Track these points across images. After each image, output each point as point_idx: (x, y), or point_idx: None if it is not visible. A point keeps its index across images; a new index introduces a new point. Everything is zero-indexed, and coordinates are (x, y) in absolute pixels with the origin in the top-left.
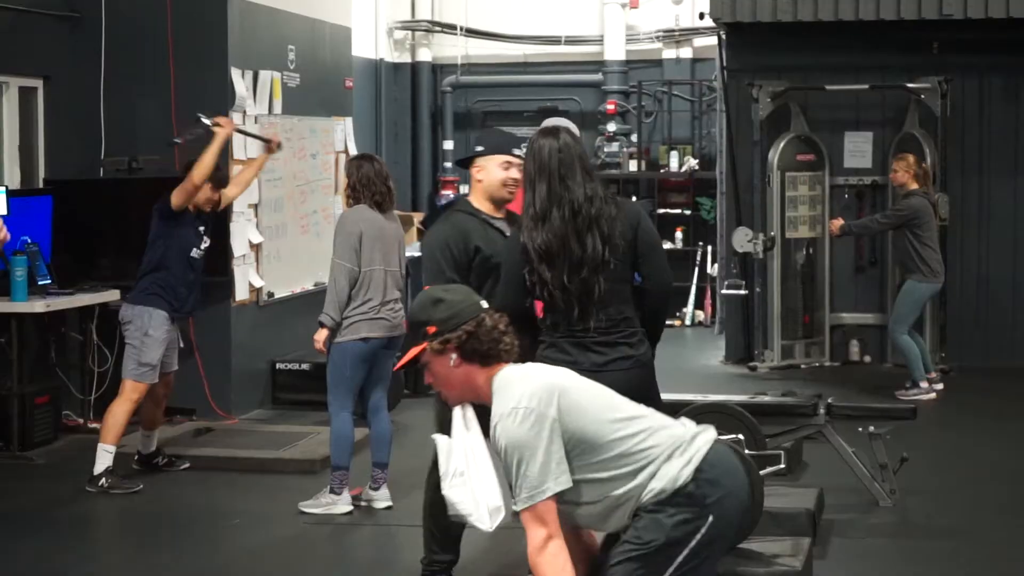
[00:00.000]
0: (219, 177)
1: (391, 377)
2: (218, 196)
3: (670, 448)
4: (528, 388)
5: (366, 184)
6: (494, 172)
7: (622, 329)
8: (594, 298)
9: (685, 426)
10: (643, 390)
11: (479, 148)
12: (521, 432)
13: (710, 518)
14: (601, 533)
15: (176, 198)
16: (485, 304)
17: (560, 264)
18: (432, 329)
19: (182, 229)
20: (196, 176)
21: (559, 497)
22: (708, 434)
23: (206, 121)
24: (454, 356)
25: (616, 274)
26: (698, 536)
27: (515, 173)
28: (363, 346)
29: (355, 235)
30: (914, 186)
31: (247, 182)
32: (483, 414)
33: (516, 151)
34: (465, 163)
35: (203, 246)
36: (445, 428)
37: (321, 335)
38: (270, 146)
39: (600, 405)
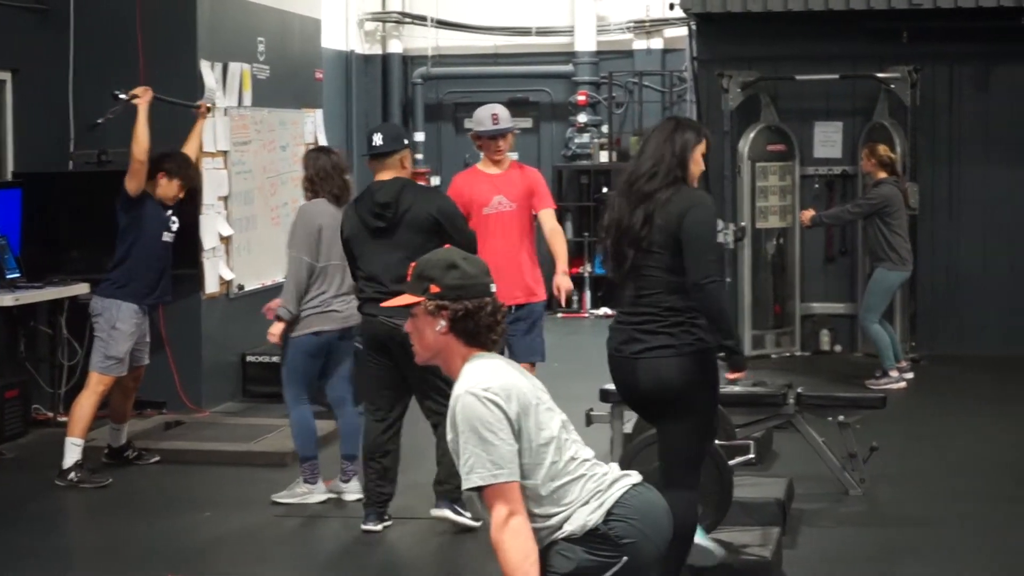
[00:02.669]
0: (188, 176)
1: (352, 368)
2: (184, 193)
3: (588, 496)
4: (500, 381)
5: (324, 177)
6: None
7: (650, 316)
8: (623, 271)
9: (611, 472)
10: (647, 381)
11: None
12: (484, 412)
13: (624, 559)
14: None
15: (128, 183)
16: (494, 288)
17: (612, 232)
18: (435, 289)
19: (148, 217)
20: (136, 152)
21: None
22: (627, 480)
23: (123, 96)
24: (443, 323)
25: (659, 260)
26: (609, 572)
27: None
28: (315, 340)
29: (316, 230)
30: (883, 175)
31: (195, 152)
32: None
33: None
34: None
35: (173, 228)
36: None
37: (277, 328)
38: (200, 111)
39: (550, 441)
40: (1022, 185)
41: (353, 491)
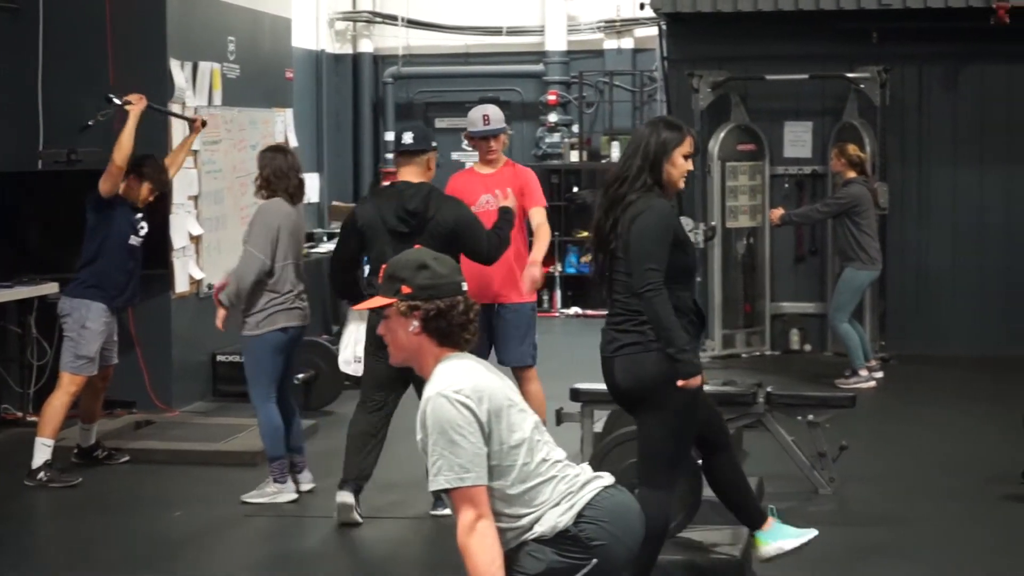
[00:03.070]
0: (160, 181)
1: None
2: (156, 195)
3: (559, 497)
4: (472, 382)
5: (280, 177)
6: None
7: (624, 317)
8: (599, 274)
9: (582, 474)
10: (625, 379)
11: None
12: (454, 414)
13: (594, 561)
14: None
15: (103, 185)
16: (465, 287)
17: (592, 235)
18: (407, 290)
19: (118, 218)
20: (117, 158)
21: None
22: (599, 482)
23: (117, 101)
24: (416, 324)
25: (624, 265)
26: (579, 574)
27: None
28: (282, 336)
29: (274, 229)
30: (853, 175)
31: (180, 164)
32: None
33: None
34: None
35: (142, 233)
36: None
37: (220, 314)
38: (195, 125)
39: (522, 443)
40: (991, 185)
41: (306, 481)
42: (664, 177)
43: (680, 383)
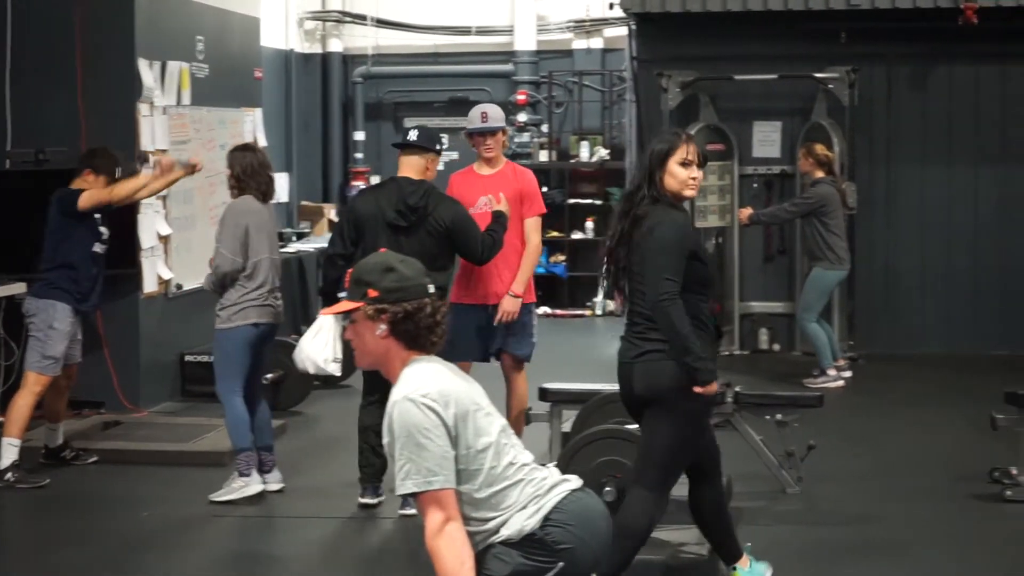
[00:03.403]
0: (116, 171)
1: (266, 364)
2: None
3: (526, 500)
4: (439, 386)
5: (251, 175)
6: None
7: (644, 326)
8: (617, 284)
9: (550, 477)
10: (640, 384)
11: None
12: (421, 418)
13: (560, 564)
14: None
15: (85, 202)
16: (432, 289)
17: (609, 246)
18: (374, 293)
19: (84, 226)
20: (117, 195)
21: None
22: (566, 485)
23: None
24: (383, 327)
25: (639, 276)
26: None
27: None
28: (254, 331)
29: (242, 228)
30: (821, 174)
31: (151, 192)
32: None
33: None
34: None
35: (104, 238)
36: None
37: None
38: (188, 164)
39: (488, 446)
40: (959, 184)
41: (275, 480)
42: (664, 188)
43: (698, 390)
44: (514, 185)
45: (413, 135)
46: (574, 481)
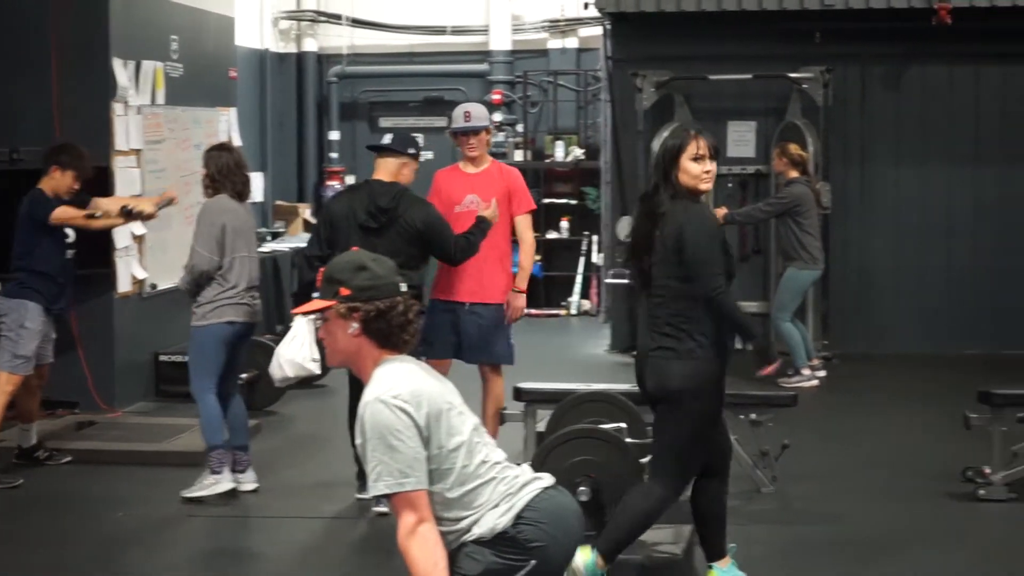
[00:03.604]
0: (82, 167)
1: (243, 364)
2: (79, 185)
3: (498, 499)
4: (410, 387)
5: (226, 174)
6: None
7: (662, 320)
8: (639, 279)
9: (522, 475)
10: (651, 381)
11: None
12: (393, 419)
13: (532, 562)
14: None
15: (57, 219)
16: (404, 287)
17: (630, 241)
18: (345, 292)
19: (53, 237)
20: (91, 227)
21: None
22: (538, 483)
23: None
24: (356, 326)
25: (662, 269)
26: (518, 575)
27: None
28: (228, 329)
29: (218, 227)
30: (795, 174)
31: (115, 207)
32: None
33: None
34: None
35: (70, 241)
36: None
37: None
38: (163, 196)
39: (461, 446)
40: (932, 184)
41: (249, 480)
42: (680, 184)
43: (762, 372)
44: (501, 184)
45: (387, 139)
46: (546, 479)
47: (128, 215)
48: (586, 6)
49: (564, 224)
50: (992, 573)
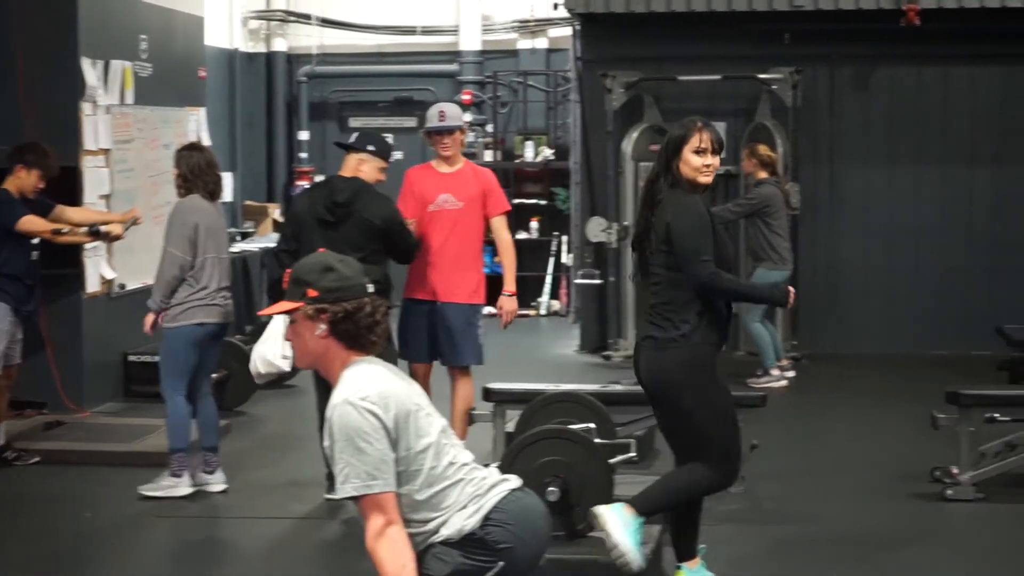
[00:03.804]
0: (47, 165)
1: (215, 364)
2: (44, 184)
3: (466, 500)
4: (378, 389)
5: (198, 174)
6: None
7: (653, 309)
8: (638, 267)
9: (489, 477)
10: (641, 371)
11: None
12: (360, 421)
13: (500, 563)
14: None
15: (24, 228)
16: (371, 289)
17: (632, 230)
18: (313, 293)
19: (23, 239)
20: (60, 241)
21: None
22: (505, 485)
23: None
24: (323, 327)
25: (657, 258)
26: None
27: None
28: (199, 330)
29: (191, 226)
30: (764, 175)
31: (82, 218)
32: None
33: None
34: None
35: (35, 243)
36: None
37: (148, 319)
38: (135, 219)
39: (429, 447)
40: (901, 185)
41: (218, 482)
42: (681, 175)
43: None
44: (475, 184)
45: (352, 138)
46: (514, 481)
47: (96, 235)
48: (556, 7)
49: (534, 224)
50: (960, 573)
